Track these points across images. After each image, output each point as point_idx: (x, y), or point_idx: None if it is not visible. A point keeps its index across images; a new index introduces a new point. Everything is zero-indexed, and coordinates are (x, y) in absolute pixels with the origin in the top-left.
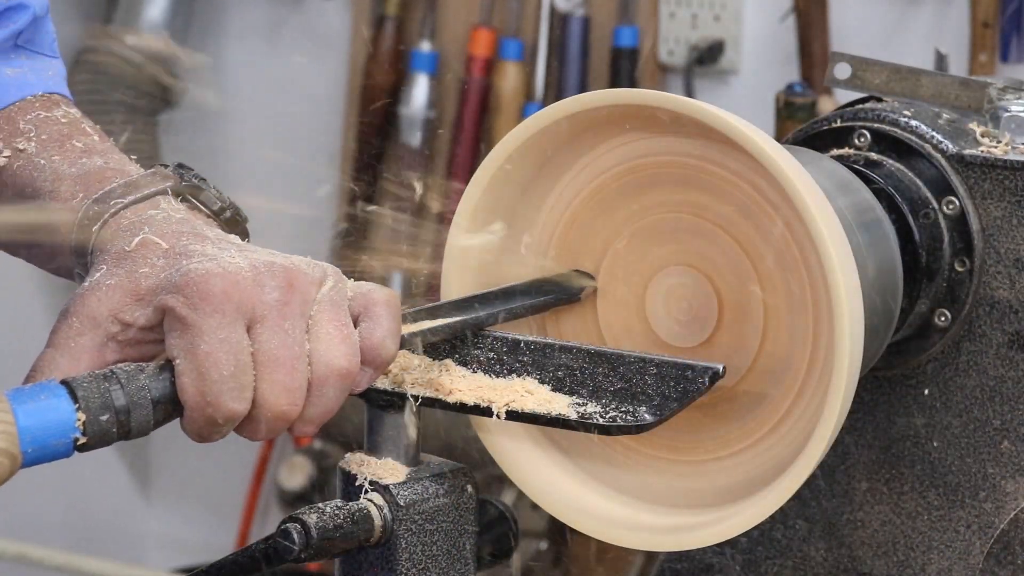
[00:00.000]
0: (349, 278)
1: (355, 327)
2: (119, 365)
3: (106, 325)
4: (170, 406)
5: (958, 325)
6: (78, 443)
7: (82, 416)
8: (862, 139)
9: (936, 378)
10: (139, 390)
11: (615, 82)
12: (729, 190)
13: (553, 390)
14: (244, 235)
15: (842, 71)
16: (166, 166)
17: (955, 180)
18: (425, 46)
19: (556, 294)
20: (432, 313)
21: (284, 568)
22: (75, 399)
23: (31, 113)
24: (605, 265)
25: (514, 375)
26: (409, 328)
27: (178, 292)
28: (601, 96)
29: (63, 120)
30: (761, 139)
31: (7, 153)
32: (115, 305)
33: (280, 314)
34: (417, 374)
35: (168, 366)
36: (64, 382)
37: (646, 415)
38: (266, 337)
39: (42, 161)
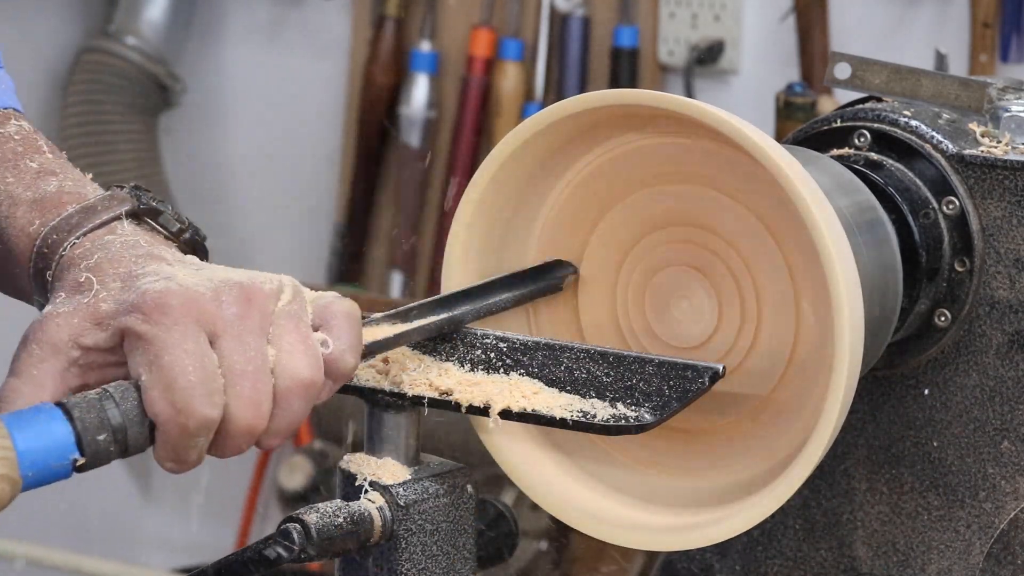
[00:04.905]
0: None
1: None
2: (111, 384)
3: (67, 351)
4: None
5: (958, 325)
6: (77, 464)
7: (80, 437)
8: (862, 139)
9: (936, 378)
10: (133, 408)
11: (615, 82)
12: (729, 191)
13: (553, 391)
14: (204, 255)
15: (842, 71)
16: (121, 187)
17: (955, 180)
18: (425, 46)
19: (536, 285)
20: (403, 317)
21: (284, 568)
22: (71, 420)
23: None
24: (606, 265)
25: (514, 375)
26: (375, 335)
27: (136, 311)
28: (601, 96)
29: (16, 137)
30: (761, 139)
31: None
32: (75, 330)
33: (240, 328)
34: (417, 374)
35: (134, 386)
36: (59, 404)
37: (646, 415)
38: (228, 351)
39: None
